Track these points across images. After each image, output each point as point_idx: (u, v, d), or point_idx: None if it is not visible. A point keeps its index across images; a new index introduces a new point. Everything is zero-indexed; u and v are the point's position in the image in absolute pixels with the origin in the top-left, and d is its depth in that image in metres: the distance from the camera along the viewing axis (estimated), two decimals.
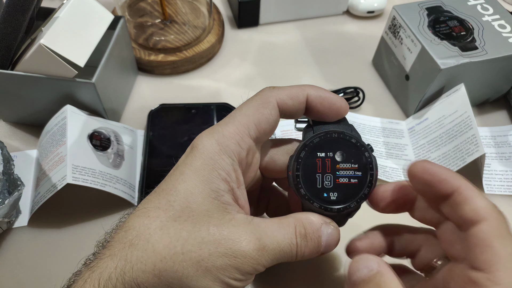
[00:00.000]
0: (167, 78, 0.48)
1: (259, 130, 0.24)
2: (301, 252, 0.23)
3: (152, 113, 0.43)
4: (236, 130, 0.23)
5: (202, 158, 0.22)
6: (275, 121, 0.24)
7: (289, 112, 0.25)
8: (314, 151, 0.24)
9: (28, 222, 0.35)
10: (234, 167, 0.23)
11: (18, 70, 0.35)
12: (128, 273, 0.20)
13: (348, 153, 0.24)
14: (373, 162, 0.25)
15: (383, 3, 0.55)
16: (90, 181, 0.34)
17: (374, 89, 0.48)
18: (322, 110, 0.25)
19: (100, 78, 0.37)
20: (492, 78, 0.43)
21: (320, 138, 0.24)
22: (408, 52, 0.43)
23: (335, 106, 0.25)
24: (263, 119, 0.24)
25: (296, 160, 0.24)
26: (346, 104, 0.25)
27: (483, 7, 0.45)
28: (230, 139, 0.23)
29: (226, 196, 0.22)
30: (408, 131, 0.44)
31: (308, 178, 0.24)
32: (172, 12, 0.50)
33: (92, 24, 0.37)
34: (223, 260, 0.21)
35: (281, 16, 0.54)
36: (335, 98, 0.25)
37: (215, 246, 0.21)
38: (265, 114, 0.24)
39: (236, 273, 0.21)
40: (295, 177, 0.24)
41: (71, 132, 0.35)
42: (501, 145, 0.42)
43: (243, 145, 0.23)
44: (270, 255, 0.22)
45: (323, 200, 0.24)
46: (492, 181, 0.40)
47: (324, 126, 0.25)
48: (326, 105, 0.25)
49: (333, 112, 0.25)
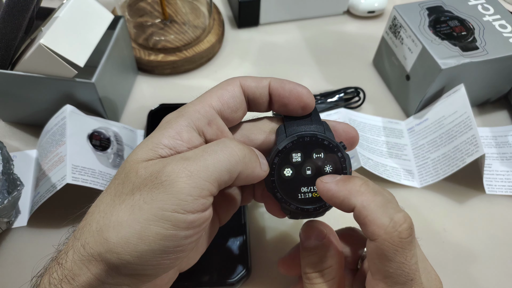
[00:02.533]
0: (167, 78, 0.48)
1: (222, 102, 0.24)
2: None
3: (152, 113, 0.43)
4: (197, 102, 0.24)
5: (159, 126, 0.24)
6: (239, 97, 0.25)
7: (253, 94, 0.25)
8: (287, 155, 0.25)
9: (27, 222, 0.35)
10: (188, 127, 0.23)
11: (18, 70, 0.35)
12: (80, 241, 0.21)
13: (322, 154, 0.25)
14: (346, 161, 0.25)
15: (383, 3, 0.55)
16: (89, 181, 0.34)
17: (374, 89, 0.48)
18: (284, 95, 0.25)
19: (100, 78, 0.37)
20: (493, 78, 0.43)
21: (293, 143, 0.25)
22: (409, 52, 0.43)
23: (296, 91, 0.25)
24: (226, 93, 0.25)
25: (271, 166, 0.25)
26: (308, 91, 0.25)
27: (483, 7, 0.44)
28: (189, 107, 0.24)
29: (165, 149, 0.23)
30: (407, 131, 0.44)
31: (283, 182, 0.25)
32: (172, 12, 0.50)
33: (92, 24, 0.37)
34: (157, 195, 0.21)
35: (281, 16, 0.54)
36: (296, 84, 0.25)
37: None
38: (228, 89, 0.25)
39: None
40: (270, 182, 0.25)
41: (71, 132, 0.35)
42: (502, 145, 0.42)
43: (203, 112, 0.24)
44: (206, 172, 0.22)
45: (300, 201, 0.25)
46: (493, 181, 0.40)
47: (296, 122, 0.26)
48: (287, 89, 0.25)
49: (296, 99, 0.25)
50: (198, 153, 0.22)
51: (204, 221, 0.22)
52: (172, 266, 0.22)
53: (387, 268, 0.21)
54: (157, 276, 0.22)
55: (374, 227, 0.21)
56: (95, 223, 0.21)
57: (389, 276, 0.21)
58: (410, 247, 0.21)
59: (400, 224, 0.21)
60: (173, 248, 0.21)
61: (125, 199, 0.21)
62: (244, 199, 0.29)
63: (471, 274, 0.35)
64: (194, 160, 0.21)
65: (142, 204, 0.20)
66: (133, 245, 0.20)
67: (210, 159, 0.21)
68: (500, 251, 0.37)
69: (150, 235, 0.20)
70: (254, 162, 0.24)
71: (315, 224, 0.27)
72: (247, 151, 0.23)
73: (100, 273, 0.20)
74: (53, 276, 0.21)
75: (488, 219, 0.39)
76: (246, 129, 0.26)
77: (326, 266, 0.26)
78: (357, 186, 0.23)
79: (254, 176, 0.24)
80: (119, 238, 0.20)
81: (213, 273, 0.33)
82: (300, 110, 0.25)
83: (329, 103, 0.45)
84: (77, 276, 0.20)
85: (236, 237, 0.35)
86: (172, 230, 0.20)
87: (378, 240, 0.21)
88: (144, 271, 0.21)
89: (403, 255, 0.21)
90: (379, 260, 0.22)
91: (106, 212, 0.21)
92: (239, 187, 0.29)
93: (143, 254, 0.20)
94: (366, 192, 0.22)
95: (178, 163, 0.21)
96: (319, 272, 0.26)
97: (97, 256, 0.20)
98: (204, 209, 0.21)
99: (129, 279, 0.21)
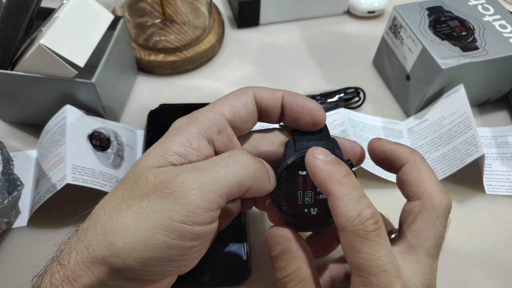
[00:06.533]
0: (167, 78, 0.48)
1: (234, 112, 0.24)
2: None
3: (152, 113, 0.43)
4: (209, 109, 0.24)
5: (169, 131, 0.24)
6: (251, 107, 0.25)
7: (265, 106, 0.25)
8: (295, 170, 0.25)
9: (27, 222, 0.35)
10: (198, 135, 0.23)
11: (18, 70, 0.35)
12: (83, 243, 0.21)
13: None
14: None
15: (383, 3, 0.55)
16: (89, 181, 0.34)
17: (374, 89, 0.48)
18: (296, 110, 0.25)
19: (100, 78, 0.37)
20: (493, 78, 0.43)
21: (302, 158, 0.25)
22: (409, 52, 0.43)
23: (309, 107, 0.25)
24: (239, 103, 0.25)
25: (278, 180, 0.25)
26: (320, 108, 0.25)
27: (484, 7, 0.44)
28: (201, 114, 0.24)
29: (175, 157, 0.23)
30: (407, 131, 0.44)
31: (289, 195, 0.25)
32: (172, 12, 0.50)
33: (92, 24, 0.37)
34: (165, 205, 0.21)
35: (281, 16, 0.54)
36: (309, 100, 0.26)
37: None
38: (241, 99, 0.25)
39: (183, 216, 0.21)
40: (276, 196, 0.25)
41: (71, 132, 0.35)
42: (502, 145, 0.42)
43: (214, 120, 0.24)
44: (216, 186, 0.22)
45: (304, 215, 0.26)
46: (493, 181, 0.40)
47: (305, 138, 0.26)
48: (300, 104, 0.25)
49: (308, 115, 0.25)
50: (210, 164, 0.22)
51: (211, 233, 0.22)
52: (175, 273, 0.22)
53: (357, 259, 0.22)
54: (158, 281, 0.22)
55: (342, 219, 0.22)
56: (100, 226, 0.21)
57: (361, 268, 0.22)
58: (377, 239, 0.22)
59: (367, 219, 0.22)
60: (178, 257, 0.21)
61: (133, 204, 0.21)
62: (244, 207, 0.29)
63: (471, 274, 0.35)
64: (206, 172, 0.21)
65: (150, 212, 0.20)
66: (138, 252, 0.20)
67: (222, 172, 0.22)
68: (500, 251, 0.37)
69: (156, 243, 0.20)
70: (265, 177, 0.24)
71: (274, 231, 0.27)
72: (259, 165, 0.24)
73: (103, 276, 0.20)
74: (55, 276, 0.21)
75: (488, 219, 0.39)
76: (255, 140, 0.27)
77: (293, 269, 0.26)
78: (340, 175, 0.23)
79: (262, 190, 0.24)
80: (125, 244, 0.20)
81: (213, 273, 0.33)
82: (311, 126, 0.26)
83: (329, 103, 0.45)
84: (79, 277, 0.20)
85: (237, 237, 0.35)
86: (178, 240, 0.20)
87: (345, 231, 0.22)
88: (146, 276, 0.21)
89: (370, 246, 0.21)
90: (349, 251, 0.22)
91: (112, 215, 0.21)
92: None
93: (147, 261, 0.20)
94: (345, 184, 0.23)
95: (190, 174, 0.21)
96: (289, 276, 0.26)
97: (101, 259, 0.20)
98: (212, 222, 0.21)
99: (130, 282, 0.21)
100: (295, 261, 0.26)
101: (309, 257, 0.26)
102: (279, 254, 0.26)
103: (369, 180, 0.40)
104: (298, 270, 0.25)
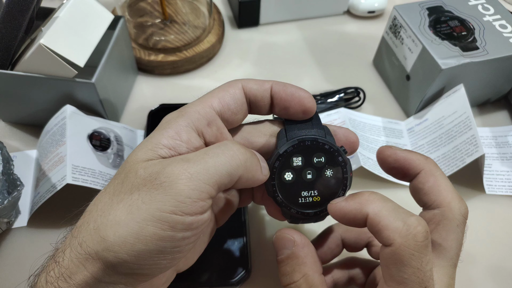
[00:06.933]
0: (167, 78, 0.48)
1: (223, 104, 0.24)
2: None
3: (152, 113, 0.43)
4: (197, 102, 0.24)
5: (159, 126, 0.24)
6: (240, 99, 0.25)
7: (254, 97, 0.25)
8: (288, 159, 0.25)
9: (27, 222, 0.35)
10: (187, 128, 0.23)
11: (18, 70, 0.35)
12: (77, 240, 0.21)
13: (322, 158, 0.25)
14: (347, 165, 0.25)
15: (383, 3, 0.55)
16: (89, 182, 0.34)
17: (375, 89, 0.48)
18: (286, 98, 0.25)
19: (100, 78, 0.37)
20: (493, 78, 0.43)
21: (294, 147, 0.25)
22: (409, 52, 0.43)
23: (298, 95, 0.25)
24: (227, 95, 0.25)
25: (271, 170, 0.25)
26: (310, 96, 0.25)
27: (484, 7, 0.44)
28: (190, 107, 0.24)
29: (165, 149, 0.23)
30: (407, 131, 0.44)
31: (283, 186, 0.25)
32: (172, 12, 0.50)
33: (92, 24, 0.37)
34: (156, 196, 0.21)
35: (281, 16, 0.54)
36: (298, 88, 0.25)
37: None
38: (229, 91, 0.25)
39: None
40: (270, 186, 0.25)
41: (71, 132, 0.35)
42: (502, 145, 0.42)
43: (203, 113, 0.24)
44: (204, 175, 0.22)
45: (300, 205, 0.25)
46: (493, 181, 0.40)
47: (297, 126, 0.26)
48: (288, 93, 0.25)
49: (298, 103, 0.25)
50: (199, 155, 0.22)
51: (202, 224, 0.22)
52: (169, 266, 0.22)
53: (401, 273, 0.21)
54: (153, 276, 0.22)
55: (388, 232, 0.21)
56: (92, 221, 0.21)
57: (403, 283, 0.21)
58: (425, 251, 0.21)
59: (415, 226, 0.21)
60: (170, 249, 0.21)
61: (123, 198, 0.21)
62: (242, 201, 0.29)
63: (471, 274, 0.35)
64: (195, 162, 0.21)
65: (140, 204, 0.20)
66: (131, 245, 0.20)
67: (211, 162, 0.21)
68: (500, 251, 0.37)
69: (147, 235, 0.20)
70: (255, 166, 0.24)
71: (282, 234, 0.27)
72: (249, 154, 0.23)
73: (97, 272, 0.20)
74: (50, 274, 0.21)
75: (488, 219, 0.39)
76: (246, 132, 0.26)
77: (299, 276, 0.25)
78: (365, 196, 0.23)
79: (254, 180, 0.24)
80: (117, 237, 0.20)
81: (212, 273, 0.33)
82: (301, 114, 0.25)
83: (329, 103, 0.45)
84: (74, 274, 0.20)
85: (236, 237, 0.35)
86: (170, 231, 0.20)
87: (393, 244, 0.21)
88: (140, 270, 0.21)
89: (419, 260, 0.21)
90: (394, 266, 0.21)
91: (104, 211, 0.21)
92: (237, 190, 0.28)
93: (140, 254, 0.20)
94: (375, 200, 0.22)
95: (179, 165, 0.21)
96: (295, 283, 0.25)
97: (94, 255, 0.20)
98: (203, 212, 0.21)
99: (125, 278, 0.21)
100: (301, 267, 0.25)
101: (317, 264, 0.26)
102: (285, 258, 0.26)
103: (369, 180, 0.40)
104: (304, 277, 0.25)
